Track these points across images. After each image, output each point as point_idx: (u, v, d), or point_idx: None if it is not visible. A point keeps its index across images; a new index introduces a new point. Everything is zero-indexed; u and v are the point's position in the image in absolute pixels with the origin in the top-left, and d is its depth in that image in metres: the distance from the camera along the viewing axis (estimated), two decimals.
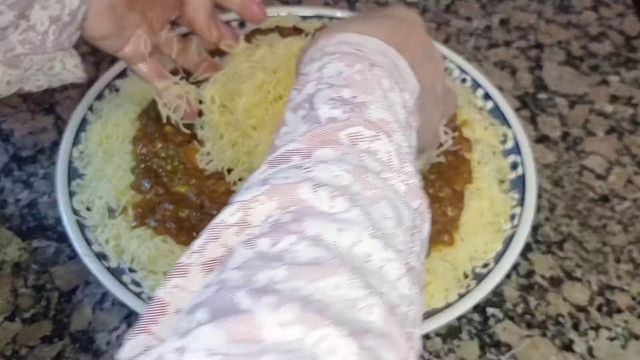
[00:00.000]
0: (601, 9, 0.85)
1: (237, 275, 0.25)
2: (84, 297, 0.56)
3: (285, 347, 0.22)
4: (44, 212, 0.61)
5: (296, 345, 0.22)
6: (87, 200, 0.57)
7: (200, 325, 0.23)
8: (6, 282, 0.57)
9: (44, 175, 0.64)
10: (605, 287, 0.59)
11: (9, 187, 0.63)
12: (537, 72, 0.77)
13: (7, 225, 0.60)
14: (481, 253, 0.56)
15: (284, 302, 0.23)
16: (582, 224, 0.63)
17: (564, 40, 0.81)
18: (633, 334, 0.56)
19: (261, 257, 0.25)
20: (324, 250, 0.25)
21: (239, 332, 0.22)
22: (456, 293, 0.53)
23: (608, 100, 0.74)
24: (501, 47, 0.80)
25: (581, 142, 0.70)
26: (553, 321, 0.56)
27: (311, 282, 0.24)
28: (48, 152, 0.66)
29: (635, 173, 0.68)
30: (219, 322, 0.22)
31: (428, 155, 0.54)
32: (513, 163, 0.62)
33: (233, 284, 0.25)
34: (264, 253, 0.26)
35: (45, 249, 0.59)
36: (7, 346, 0.53)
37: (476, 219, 0.57)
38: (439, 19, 0.83)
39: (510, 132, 0.64)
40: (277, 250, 0.26)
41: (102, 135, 0.61)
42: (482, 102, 0.67)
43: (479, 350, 0.54)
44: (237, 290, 0.24)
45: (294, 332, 0.22)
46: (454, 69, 0.69)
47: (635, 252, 0.61)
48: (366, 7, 0.84)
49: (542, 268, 0.60)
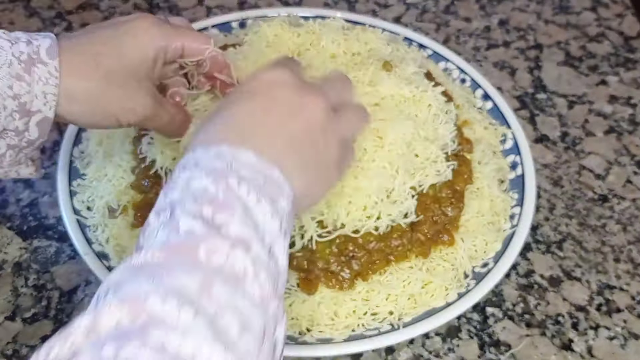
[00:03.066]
0: (600, 10, 0.86)
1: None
2: (84, 297, 0.56)
3: None
4: (45, 211, 0.61)
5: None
6: (88, 200, 0.57)
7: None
8: (7, 281, 0.57)
9: (45, 175, 0.64)
10: (604, 287, 0.59)
11: (10, 187, 0.63)
12: (536, 73, 0.77)
13: (8, 225, 0.60)
14: (481, 253, 0.56)
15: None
16: (582, 224, 0.63)
17: (563, 40, 0.82)
18: (632, 333, 0.56)
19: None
20: (166, 357, 0.27)
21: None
22: (456, 292, 0.53)
23: (607, 100, 0.75)
24: (500, 47, 0.81)
25: (580, 142, 0.70)
26: (552, 321, 0.56)
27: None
28: (49, 152, 0.66)
29: (634, 173, 0.68)
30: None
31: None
32: (512, 163, 0.63)
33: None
34: (108, 358, 0.27)
35: (46, 248, 0.59)
36: (7, 345, 0.53)
37: (476, 219, 0.57)
38: (438, 19, 0.84)
39: (510, 132, 0.64)
40: (121, 357, 0.27)
41: (103, 135, 0.61)
42: (482, 102, 0.67)
43: (479, 350, 0.54)
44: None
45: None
46: (453, 70, 0.70)
47: (634, 252, 0.61)
48: (366, 8, 0.84)
49: (542, 268, 0.60)
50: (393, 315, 0.52)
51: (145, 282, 0.30)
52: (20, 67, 0.42)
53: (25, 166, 0.47)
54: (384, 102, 0.57)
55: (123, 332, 0.28)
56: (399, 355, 0.53)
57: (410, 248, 0.54)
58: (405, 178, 0.53)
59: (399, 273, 0.53)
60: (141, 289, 0.30)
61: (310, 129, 0.41)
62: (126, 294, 0.30)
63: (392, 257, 0.53)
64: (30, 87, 0.42)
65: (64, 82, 0.43)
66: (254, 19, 0.70)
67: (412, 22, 0.83)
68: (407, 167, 0.53)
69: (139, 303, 0.29)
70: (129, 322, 0.29)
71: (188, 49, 0.50)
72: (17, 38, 0.43)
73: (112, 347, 0.27)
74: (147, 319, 0.29)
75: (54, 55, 0.43)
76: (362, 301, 0.52)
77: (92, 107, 0.45)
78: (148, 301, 0.29)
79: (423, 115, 0.57)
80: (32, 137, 0.44)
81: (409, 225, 0.54)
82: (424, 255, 0.54)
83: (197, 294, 0.30)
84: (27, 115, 0.43)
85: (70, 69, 0.44)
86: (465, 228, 0.57)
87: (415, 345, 0.54)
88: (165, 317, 0.29)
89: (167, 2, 0.84)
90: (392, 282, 0.53)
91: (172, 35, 0.49)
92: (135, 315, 0.29)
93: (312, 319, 0.51)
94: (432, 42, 0.71)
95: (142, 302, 0.29)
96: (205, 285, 0.31)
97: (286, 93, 0.41)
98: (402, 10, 0.85)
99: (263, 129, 0.40)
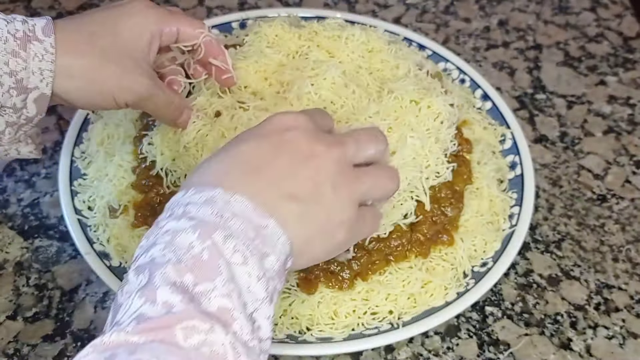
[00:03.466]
0: (599, 10, 0.86)
1: None
2: (85, 296, 0.56)
3: None
4: (46, 211, 0.62)
5: None
6: (89, 200, 0.57)
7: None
8: (8, 281, 0.57)
9: (46, 175, 0.64)
10: (603, 286, 0.59)
11: (11, 187, 0.63)
12: (536, 73, 0.78)
13: (10, 225, 0.61)
14: (480, 252, 0.56)
15: None
16: (580, 224, 0.63)
17: (562, 41, 0.82)
18: (631, 332, 0.56)
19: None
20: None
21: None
22: (455, 292, 0.53)
23: (606, 100, 0.75)
24: (500, 47, 0.81)
25: (579, 142, 0.71)
26: (551, 320, 0.56)
27: None
28: (50, 152, 0.66)
29: (632, 173, 0.68)
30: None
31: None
32: (511, 163, 0.63)
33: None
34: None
35: (47, 248, 0.59)
36: (9, 345, 0.53)
37: (475, 219, 0.58)
38: (438, 20, 0.84)
39: (509, 132, 0.65)
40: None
41: (104, 135, 0.62)
42: (481, 103, 0.68)
43: (478, 349, 0.54)
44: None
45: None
46: (452, 70, 0.70)
47: (632, 252, 0.61)
48: (366, 8, 0.84)
49: (541, 267, 0.60)
50: (393, 315, 0.52)
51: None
52: (15, 43, 0.42)
53: (25, 144, 0.47)
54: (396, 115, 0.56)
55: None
56: (399, 354, 0.54)
57: (410, 248, 0.54)
58: (409, 186, 0.53)
59: (399, 273, 0.53)
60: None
61: (317, 180, 0.38)
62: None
63: (392, 257, 0.53)
64: (27, 63, 0.43)
65: (60, 59, 0.44)
66: (254, 20, 0.70)
67: (412, 23, 0.83)
68: (412, 177, 0.53)
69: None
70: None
71: (183, 33, 0.50)
72: (13, 17, 0.44)
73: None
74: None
75: (50, 33, 0.44)
76: (362, 301, 0.52)
77: (89, 85, 0.45)
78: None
79: (429, 123, 0.56)
80: (30, 114, 0.45)
81: (409, 226, 0.54)
82: (423, 255, 0.54)
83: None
84: (24, 92, 0.43)
85: (66, 46, 0.44)
86: (465, 228, 0.57)
87: (414, 344, 0.54)
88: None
89: (168, 2, 0.84)
90: (391, 282, 0.53)
91: (167, 18, 0.49)
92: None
93: (312, 318, 0.51)
94: (431, 43, 0.72)
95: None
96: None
97: (298, 139, 0.39)
98: (401, 11, 0.85)
99: (266, 172, 0.38)
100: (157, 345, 0.30)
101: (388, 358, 0.53)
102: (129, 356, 0.29)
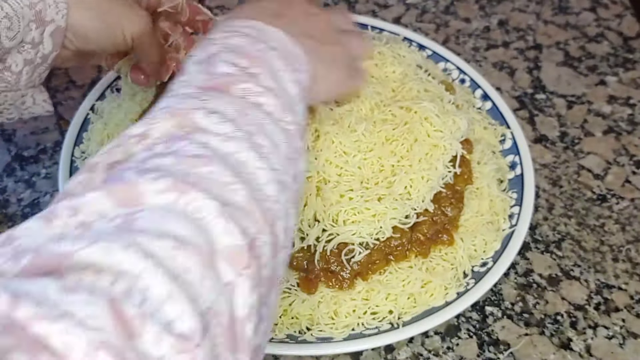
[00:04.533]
0: (599, 10, 0.86)
1: (131, 164, 0.30)
2: None
3: (161, 208, 0.28)
4: None
5: (170, 207, 0.28)
6: None
7: (91, 190, 0.28)
8: None
9: (46, 175, 0.64)
10: (603, 286, 0.59)
11: (11, 187, 0.63)
12: (536, 73, 0.78)
13: (10, 225, 0.61)
14: (480, 252, 0.56)
15: (163, 177, 0.29)
16: (580, 224, 0.63)
17: (562, 41, 0.82)
18: (631, 332, 0.56)
19: (155, 155, 0.31)
20: (208, 151, 0.31)
21: (123, 198, 0.28)
22: (455, 292, 0.53)
23: (606, 100, 0.75)
24: (500, 47, 0.81)
25: (579, 142, 0.71)
26: (551, 320, 0.57)
27: (190, 168, 0.30)
28: (50, 152, 0.66)
29: (632, 173, 0.68)
30: (108, 190, 0.28)
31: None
32: (511, 163, 0.63)
33: (125, 167, 0.30)
34: (158, 153, 0.31)
35: None
36: None
37: (475, 219, 0.58)
38: (438, 20, 0.84)
39: (509, 132, 0.65)
40: (169, 150, 0.31)
41: (104, 135, 0.62)
42: (481, 103, 0.68)
43: (478, 349, 0.54)
44: (128, 170, 0.29)
45: (168, 196, 0.28)
46: (452, 70, 0.70)
47: (632, 251, 0.61)
48: (366, 8, 0.85)
49: (540, 267, 0.60)
50: (393, 315, 0.52)
51: (191, 102, 0.34)
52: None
53: (40, 91, 0.49)
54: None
55: (172, 137, 0.32)
56: (399, 354, 0.54)
57: (410, 248, 0.54)
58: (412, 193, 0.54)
59: (399, 273, 0.53)
60: (188, 107, 0.34)
61: (325, 30, 0.47)
62: (175, 109, 0.34)
63: (392, 256, 0.53)
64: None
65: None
66: None
67: (412, 23, 0.83)
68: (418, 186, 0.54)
69: (186, 116, 0.33)
70: (177, 130, 0.32)
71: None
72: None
73: (163, 145, 0.31)
74: (193, 128, 0.32)
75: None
76: (362, 300, 0.52)
77: (101, 15, 0.48)
78: (194, 115, 0.33)
79: (439, 134, 0.56)
80: (46, 51, 0.47)
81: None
82: (423, 255, 0.54)
83: (234, 115, 0.34)
84: (42, 25, 0.45)
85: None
86: (465, 228, 0.57)
87: (414, 344, 0.54)
88: (208, 127, 0.33)
89: None
90: (391, 282, 0.53)
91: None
92: (183, 125, 0.32)
93: (312, 318, 0.51)
94: (431, 43, 0.72)
95: (189, 115, 0.33)
96: (241, 111, 0.35)
97: (301, 3, 0.48)
98: (401, 11, 0.85)
99: (285, 17, 0.44)
100: (219, 96, 0.35)
101: (388, 358, 0.54)
102: (199, 98, 0.35)
